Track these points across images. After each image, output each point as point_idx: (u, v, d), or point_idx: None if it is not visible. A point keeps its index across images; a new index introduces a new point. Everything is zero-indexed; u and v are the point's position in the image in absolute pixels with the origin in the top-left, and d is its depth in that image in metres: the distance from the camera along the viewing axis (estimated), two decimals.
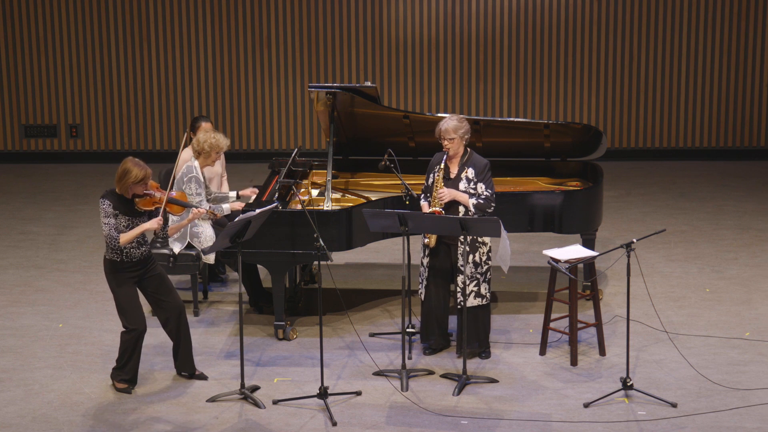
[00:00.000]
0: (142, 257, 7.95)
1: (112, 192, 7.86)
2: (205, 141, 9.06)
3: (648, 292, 9.49)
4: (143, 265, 7.97)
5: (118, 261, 7.88)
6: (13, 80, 14.68)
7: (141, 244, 7.94)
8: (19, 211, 12.72)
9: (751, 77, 14.52)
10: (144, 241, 7.97)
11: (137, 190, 7.82)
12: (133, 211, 7.86)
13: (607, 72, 14.53)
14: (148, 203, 7.89)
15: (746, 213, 12.32)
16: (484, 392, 8.04)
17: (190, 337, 8.25)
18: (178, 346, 8.22)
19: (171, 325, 8.13)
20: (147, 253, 8.00)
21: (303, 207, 8.50)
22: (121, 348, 8.04)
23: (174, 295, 8.13)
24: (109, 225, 7.79)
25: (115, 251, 7.86)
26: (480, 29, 14.48)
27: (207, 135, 9.06)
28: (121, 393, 8.05)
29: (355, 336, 8.96)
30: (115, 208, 7.80)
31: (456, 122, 8.35)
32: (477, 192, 8.36)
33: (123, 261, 7.89)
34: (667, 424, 7.53)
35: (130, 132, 14.79)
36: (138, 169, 7.77)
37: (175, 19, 14.51)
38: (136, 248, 7.91)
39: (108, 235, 7.79)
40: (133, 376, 8.14)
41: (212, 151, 9.07)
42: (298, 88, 14.67)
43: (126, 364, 8.07)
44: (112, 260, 7.89)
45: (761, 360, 8.51)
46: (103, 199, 7.81)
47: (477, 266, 8.40)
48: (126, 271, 7.91)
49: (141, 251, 7.94)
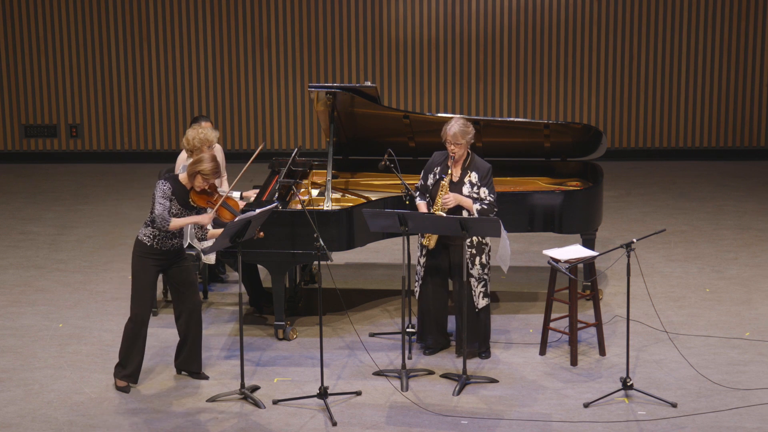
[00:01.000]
0: (172, 249, 7.98)
1: (174, 177, 7.95)
2: (194, 138, 9.08)
3: (648, 292, 9.48)
4: (171, 256, 8.00)
5: (148, 245, 7.92)
6: (13, 80, 14.68)
7: (174, 236, 7.97)
8: (19, 211, 12.72)
9: (751, 77, 14.52)
10: (179, 234, 8.01)
11: (199, 183, 7.88)
12: (186, 202, 7.92)
13: (607, 72, 14.53)
14: (203, 200, 7.95)
15: (746, 213, 12.32)
16: (484, 392, 8.04)
17: (200, 337, 8.23)
18: (184, 343, 8.22)
19: (182, 319, 8.15)
20: (178, 245, 8.03)
21: (303, 207, 8.50)
22: (123, 338, 8.06)
23: (194, 291, 8.15)
24: (164, 205, 7.82)
25: (150, 235, 7.90)
26: (480, 29, 14.48)
27: (194, 132, 9.08)
28: (121, 392, 8.05)
29: (355, 336, 8.96)
30: (173, 193, 7.86)
31: (463, 127, 8.33)
32: (480, 197, 8.36)
33: (153, 247, 7.92)
34: (667, 424, 7.53)
35: (130, 132, 14.79)
36: (211, 165, 7.86)
37: (175, 19, 14.51)
38: (169, 238, 7.94)
39: (161, 215, 7.80)
40: (134, 372, 8.12)
41: (203, 145, 9.08)
42: (298, 88, 14.67)
43: (127, 358, 8.06)
44: (143, 242, 7.95)
45: (761, 360, 8.51)
46: (164, 181, 7.88)
47: (483, 267, 8.40)
48: (152, 257, 7.94)
49: (172, 243, 7.98)
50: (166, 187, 7.87)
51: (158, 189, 7.87)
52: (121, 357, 8.11)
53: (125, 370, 8.10)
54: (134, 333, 8.03)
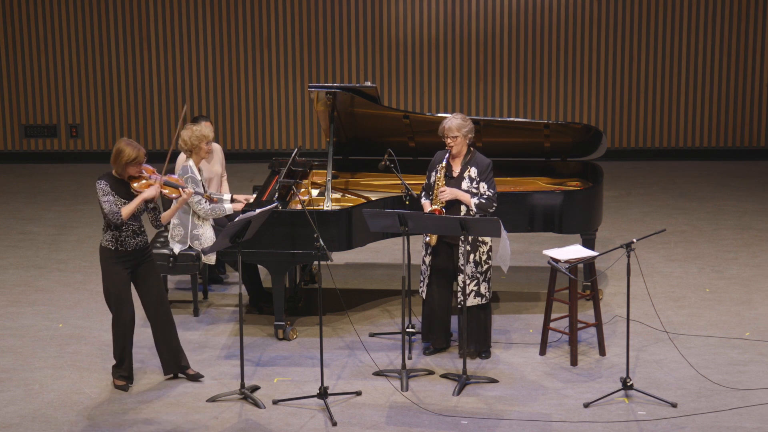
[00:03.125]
0: (138, 247, 7.92)
1: (108, 174, 7.87)
2: (190, 137, 9.09)
3: (648, 292, 9.48)
4: (138, 255, 7.95)
5: (113, 249, 7.85)
6: (13, 80, 14.69)
7: (137, 234, 7.91)
8: (19, 211, 12.72)
9: (751, 77, 14.52)
10: (141, 232, 7.94)
11: (132, 171, 7.82)
12: (129, 194, 7.85)
13: (607, 72, 14.53)
14: (144, 185, 7.87)
15: (746, 213, 12.32)
16: (484, 392, 8.04)
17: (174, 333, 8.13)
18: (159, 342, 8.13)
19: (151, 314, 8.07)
20: (142, 243, 7.96)
21: (303, 207, 8.50)
22: (113, 341, 8.05)
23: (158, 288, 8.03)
24: (108, 202, 7.75)
25: (111, 239, 7.83)
26: (480, 29, 14.48)
27: (189, 131, 9.08)
28: (120, 391, 8.05)
29: (355, 336, 8.96)
30: (112, 188, 7.80)
31: (460, 120, 8.35)
32: (479, 192, 8.36)
33: (118, 250, 7.85)
34: (667, 424, 7.53)
35: (130, 132, 14.79)
36: (130, 148, 7.78)
37: (175, 19, 14.51)
38: (131, 237, 7.87)
39: (110, 211, 7.74)
40: (130, 374, 8.14)
41: (200, 143, 9.08)
42: (298, 88, 14.67)
43: (121, 360, 8.07)
44: (107, 248, 7.88)
45: (761, 360, 8.51)
46: (100, 180, 7.80)
47: (477, 265, 8.39)
48: (119, 260, 7.88)
49: (136, 241, 7.91)
50: (103, 184, 7.78)
51: (98, 190, 7.79)
52: (115, 358, 8.11)
53: (123, 371, 8.11)
54: (121, 335, 7.99)
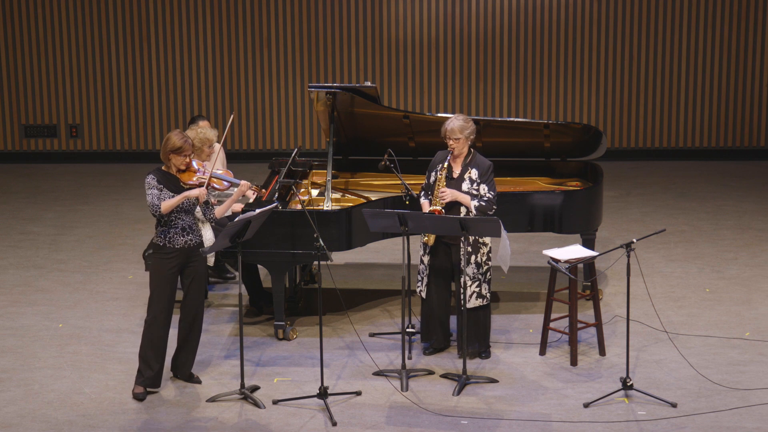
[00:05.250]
0: (186, 246, 7.90)
1: (158, 169, 7.91)
2: (194, 138, 9.09)
3: (648, 292, 9.49)
4: (186, 254, 7.93)
5: (161, 245, 7.88)
6: (13, 80, 14.69)
7: (187, 231, 7.90)
8: (19, 211, 12.72)
9: (751, 77, 14.52)
10: (192, 230, 7.93)
11: (178, 162, 7.85)
12: (178, 187, 7.87)
13: (607, 72, 14.54)
14: (191, 177, 7.91)
15: (746, 213, 12.33)
16: (484, 392, 8.04)
17: (196, 343, 8.18)
18: (182, 348, 8.16)
19: (182, 323, 8.11)
20: (192, 243, 7.93)
21: (303, 207, 8.50)
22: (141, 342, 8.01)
23: (199, 295, 8.06)
24: (152, 195, 7.77)
25: (161, 235, 7.86)
26: (480, 29, 14.48)
27: (193, 132, 9.09)
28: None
29: (355, 336, 8.96)
30: (159, 182, 7.82)
31: (462, 122, 8.35)
32: (479, 194, 8.36)
33: (165, 246, 7.87)
34: (667, 424, 7.53)
35: (130, 132, 14.79)
36: (177, 138, 7.83)
37: (175, 19, 14.51)
38: (180, 235, 7.87)
39: (150, 204, 7.76)
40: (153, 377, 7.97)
41: (203, 145, 9.09)
42: (298, 88, 14.67)
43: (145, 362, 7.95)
44: (156, 243, 7.93)
45: (761, 360, 8.51)
46: (148, 175, 7.85)
47: (479, 267, 8.40)
48: (167, 256, 7.87)
49: (185, 239, 7.89)
50: (150, 178, 7.82)
51: (145, 184, 7.85)
52: (140, 362, 8.00)
53: (143, 375, 7.99)
54: (149, 335, 7.95)
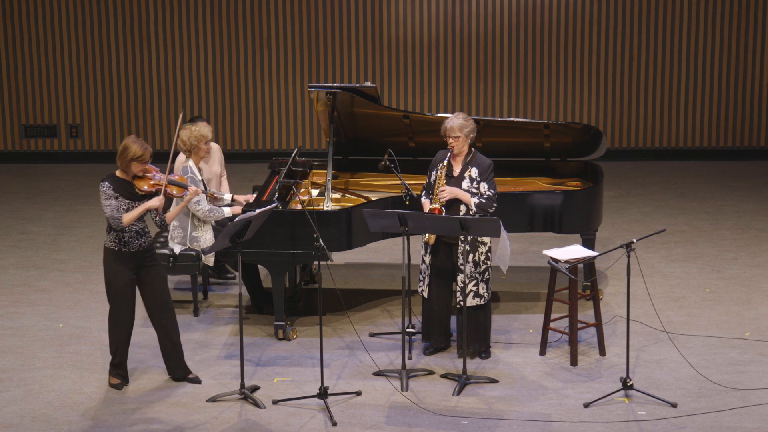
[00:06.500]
0: (141, 248, 7.89)
1: (111, 175, 7.84)
2: (189, 137, 9.08)
3: (648, 292, 9.49)
4: (142, 256, 7.92)
5: (116, 250, 7.84)
6: (13, 80, 14.69)
7: (140, 234, 7.88)
8: (19, 211, 12.72)
9: (751, 77, 14.52)
10: (144, 232, 7.91)
11: (136, 169, 7.79)
12: (133, 194, 7.82)
13: (607, 72, 14.53)
14: (147, 183, 7.83)
15: (746, 213, 12.33)
16: (484, 392, 8.04)
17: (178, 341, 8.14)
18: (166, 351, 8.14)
19: (157, 328, 8.07)
20: (147, 245, 7.93)
21: (303, 207, 8.50)
22: (108, 335, 8.03)
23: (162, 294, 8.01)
24: (111, 206, 7.73)
25: (115, 240, 7.82)
26: (480, 29, 14.48)
27: (188, 131, 9.08)
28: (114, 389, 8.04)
29: (355, 336, 8.96)
30: (115, 191, 7.77)
31: (462, 120, 8.36)
32: (480, 192, 8.36)
33: (121, 251, 7.84)
34: (667, 424, 7.53)
35: (130, 132, 14.79)
36: (137, 146, 7.75)
37: (175, 19, 14.51)
38: (135, 238, 7.85)
39: (111, 216, 7.72)
40: (125, 374, 8.13)
41: (200, 143, 9.08)
42: (298, 88, 14.67)
43: (114, 356, 8.04)
44: (110, 249, 7.86)
45: (761, 360, 8.51)
46: (103, 182, 7.78)
47: (476, 266, 8.40)
48: (123, 261, 7.85)
49: (140, 242, 7.88)
50: (106, 187, 7.76)
51: (101, 193, 7.77)
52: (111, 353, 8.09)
53: (116, 368, 8.09)
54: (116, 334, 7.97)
